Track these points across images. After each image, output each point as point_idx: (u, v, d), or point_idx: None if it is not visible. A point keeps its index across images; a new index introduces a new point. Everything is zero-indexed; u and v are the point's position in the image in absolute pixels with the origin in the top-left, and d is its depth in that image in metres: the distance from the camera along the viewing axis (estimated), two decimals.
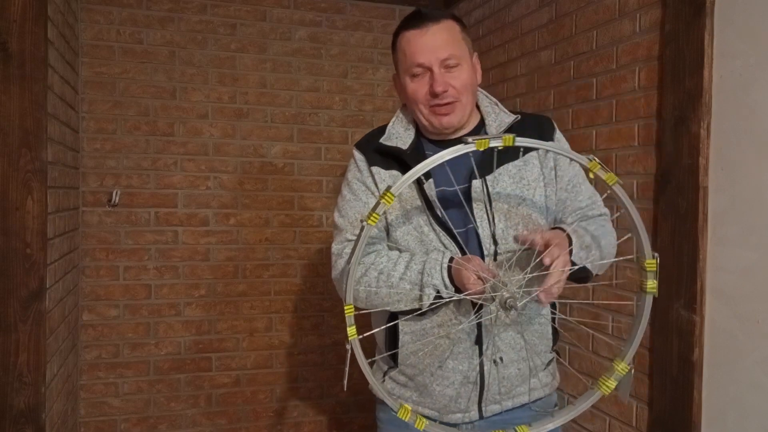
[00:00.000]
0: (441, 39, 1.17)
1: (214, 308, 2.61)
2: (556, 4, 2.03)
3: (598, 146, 1.82)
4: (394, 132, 1.27)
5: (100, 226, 2.46)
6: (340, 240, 1.24)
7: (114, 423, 2.49)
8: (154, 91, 2.51)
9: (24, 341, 1.67)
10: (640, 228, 0.96)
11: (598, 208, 1.26)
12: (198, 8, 2.56)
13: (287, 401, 2.72)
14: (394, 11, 2.82)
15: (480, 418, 1.23)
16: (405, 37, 1.21)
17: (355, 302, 1.19)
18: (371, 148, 1.26)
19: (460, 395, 1.21)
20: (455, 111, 1.19)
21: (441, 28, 1.18)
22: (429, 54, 1.16)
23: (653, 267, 0.96)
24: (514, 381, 1.22)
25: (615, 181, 0.94)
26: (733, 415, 1.39)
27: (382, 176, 1.23)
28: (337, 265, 1.24)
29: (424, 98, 1.19)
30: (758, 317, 1.32)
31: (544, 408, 1.28)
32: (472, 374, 1.19)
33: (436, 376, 1.21)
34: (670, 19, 1.53)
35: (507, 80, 2.35)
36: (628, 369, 0.99)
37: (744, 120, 1.35)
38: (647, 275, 0.96)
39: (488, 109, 1.27)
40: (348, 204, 1.26)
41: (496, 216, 1.17)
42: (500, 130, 1.21)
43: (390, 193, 0.92)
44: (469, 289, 1.04)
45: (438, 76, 1.16)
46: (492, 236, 1.16)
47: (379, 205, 0.92)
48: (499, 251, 1.16)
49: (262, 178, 2.66)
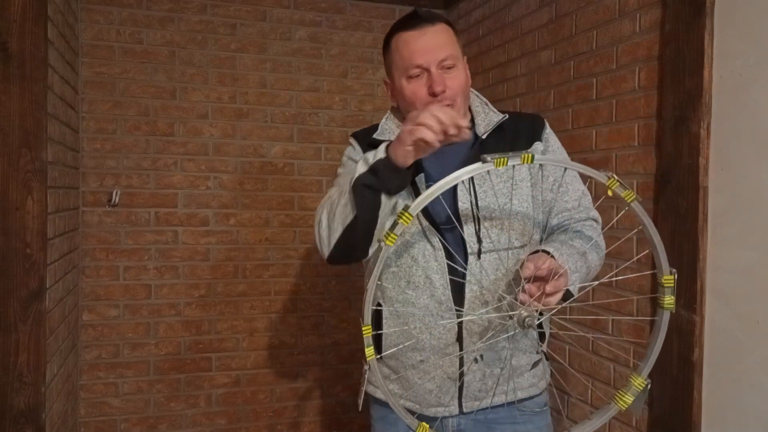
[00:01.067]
0: (439, 40, 1.18)
1: (214, 308, 2.61)
2: (556, 4, 2.03)
3: (598, 146, 1.82)
4: (387, 128, 1.30)
5: (100, 226, 2.46)
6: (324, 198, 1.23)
7: (114, 423, 2.49)
8: (154, 91, 2.51)
9: (24, 341, 1.67)
10: (658, 244, 0.96)
11: (585, 210, 1.25)
12: (198, 8, 2.56)
13: (287, 401, 2.72)
14: (394, 11, 2.82)
15: (460, 413, 1.24)
16: (402, 38, 1.20)
17: (321, 241, 1.17)
18: (366, 141, 1.29)
19: (440, 389, 1.22)
20: None
21: (438, 29, 1.19)
22: (428, 54, 1.17)
23: (671, 283, 0.96)
24: (495, 379, 1.22)
25: (633, 198, 0.94)
26: (733, 415, 1.39)
27: None
28: (316, 216, 1.21)
29: (423, 99, 1.19)
30: (758, 317, 1.32)
31: (531, 408, 1.28)
32: (451, 370, 1.20)
33: (417, 369, 1.22)
34: (670, 19, 1.53)
35: (507, 80, 2.35)
36: (644, 384, 0.99)
37: (744, 120, 1.35)
38: (665, 291, 0.96)
39: (478, 108, 1.28)
40: (339, 177, 1.28)
41: (481, 214, 1.18)
42: (488, 129, 1.22)
43: (408, 213, 0.91)
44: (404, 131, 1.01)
45: (436, 77, 1.16)
46: (476, 234, 1.17)
47: (397, 225, 0.92)
48: (483, 249, 1.17)
49: (262, 178, 2.66)
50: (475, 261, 1.17)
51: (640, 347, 1.65)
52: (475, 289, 1.17)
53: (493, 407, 1.24)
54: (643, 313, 1.65)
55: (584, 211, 1.25)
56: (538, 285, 1.00)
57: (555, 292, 1.01)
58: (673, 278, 0.96)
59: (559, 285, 1.01)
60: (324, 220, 1.16)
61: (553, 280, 1.00)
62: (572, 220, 1.24)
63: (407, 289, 1.20)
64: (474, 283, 1.17)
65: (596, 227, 1.25)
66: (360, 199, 1.06)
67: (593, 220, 1.26)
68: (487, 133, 1.22)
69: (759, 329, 1.32)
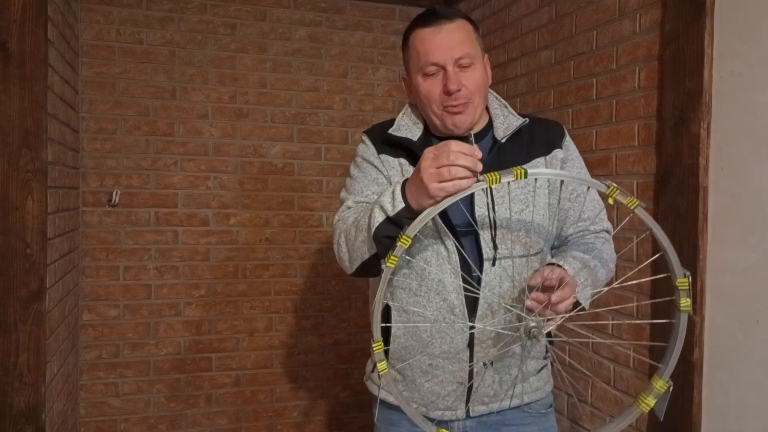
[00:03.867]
0: (456, 38, 1.15)
1: (214, 308, 2.61)
2: (556, 4, 2.03)
3: (598, 146, 1.82)
4: (403, 124, 1.27)
5: (100, 226, 2.46)
6: (341, 210, 1.25)
7: (114, 423, 2.49)
8: (154, 91, 2.51)
9: (24, 341, 1.67)
10: (668, 248, 0.95)
11: (601, 222, 1.25)
12: (198, 8, 2.56)
13: (287, 401, 2.72)
14: (394, 11, 2.81)
15: (467, 417, 1.23)
16: (419, 36, 1.18)
17: (343, 262, 1.21)
18: (380, 139, 1.26)
19: (447, 393, 1.21)
20: (467, 111, 1.18)
21: (456, 27, 1.16)
22: (444, 53, 1.15)
23: (685, 286, 0.95)
24: (503, 385, 1.22)
25: (636, 204, 0.93)
26: (733, 415, 1.39)
27: (390, 163, 1.24)
28: (338, 226, 1.22)
29: (438, 97, 1.17)
30: (758, 317, 1.32)
31: (537, 410, 1.28)
32: (461, 375, 1.19)
33: (425, 372, 1.21)
34: (670, 19, 1.53)
35: (507, 80, 2.35)
36: (666, 387, 0.99)
37: (744, 120, 1.35)
38: (680, 294, 0.96)
39: (497, 111, 1.26)
40: (354, 180, 1.27)
41: (498, 221, 1.16)
42: (507, 133, 1.20)
43: (406, 236, 0.93)
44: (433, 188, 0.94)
45: (452, 75, 1.14)
46: (492, 240, 1.16)
47: (396, 247, 0.93)
48: (498, 256, 1.16)
49: (262, 178, 2.66)
50: (489, 267, 1.15)
51: (639, 347, 1.65)
52: (489, 295, 1.16)
53: (501, 411, 1.24)
54: (643, 314, 1.65)
55: (599, 223, 1.24)
56: (546, 294, 1.00)
57: (561, 301, 1.00)
58: (687, 281, 0.95)
59: (565, 294, 1.00)
60: (343, 245, 1.19)
61: (559, 290, 0.99)
62: (587, 231, 1.23)
63: (418, 291, 1.19)
64: (488, 289, 1.16)
65: (608, 239, 1.25)
66: (380, 246, 1.07)
67: (606, 231, 1.26)
68: (506, 138, 1.20)
69: (759, 329, 1.32)
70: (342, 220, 1.22)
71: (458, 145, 0.94)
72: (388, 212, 1.02)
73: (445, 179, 0.93)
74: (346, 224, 1.19)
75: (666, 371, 1.00)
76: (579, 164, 1.26)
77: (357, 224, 1.14)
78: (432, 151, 0.97)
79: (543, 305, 1.00)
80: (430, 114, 1.21)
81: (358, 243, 1.13)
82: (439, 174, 0.94)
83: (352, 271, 1.19)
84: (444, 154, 0.94)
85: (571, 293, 1.02)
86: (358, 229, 1.13)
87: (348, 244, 1.17)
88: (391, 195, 1.04)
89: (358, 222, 1.14)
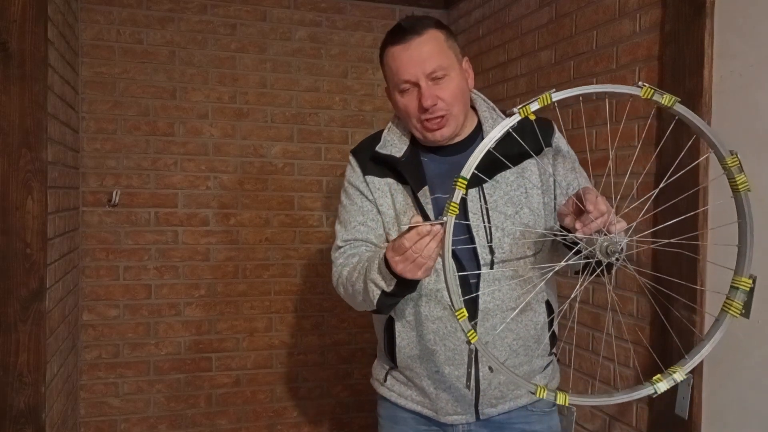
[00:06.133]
0: (425, 52, 1.14)
1: (214, 308, 2.61)
2: (556, 4, 2.03)
3: (598, 146, 1.82)
4: (389, 140, 1.26)
5: (100, 226, 2.46)
6: (335, 248, 1.28)
7: (114, 423, 2.49)
8: (154, 91, 2.51)
9: (24, 341, 1.67)
10: (707, 131, 0.88)
11: None
12: (198, 8, 2.56)
13: (287, 401, 2.72)
14: (394, 11, 2.82)
15: (477, 419, 1.24)
16: (390, 53, 1.18)
17: (347, 302, 1.25)
18: (367, 156, 1.26)
19: (456, 399, 1.22)
20: (448, 123, 1.17)
21: (424, 40, 1.15)
22: (414, 69, 1.14)
23: (736, 162, 0.89)
24: (510, 386, 1.22)
25: (673, 101, 0.88)
26: (733, 415, 1.39)
27: (376, 185, 1.24)
28: (334, 273, 1.26)
29: (414, 113, 1.17)
30: (758, 317, 1.32)
31: (542, 408, 1.28)
32: (468, 379, 1.19)
33: (433, 379, 1.22)
34: (670, 19, 1.53)
35: (507, 80, 2.35)
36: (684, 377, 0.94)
37: (744, 120, 1.35)
38: (733, 172, 0.90)
39: (486, 114, 1.26)
40: (344, 209, 1.28)
41: (492, 225, 1.16)
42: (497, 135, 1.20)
43: (462, 178, 0.89)
44: (419, 275, 0.99)
45: (425, 90, 1.14)
46: (488, 245, 1.16)
47: (455, 192, 0.89)
48: (495, 260, 1.16)
49: (262, 178, 2.66)
50: (487, 271, 1.15)
51: (639, 347, 1.65)
52: (488, 300, 1.16)
53: (509, 411, 1.25)
54: (642, 313, 1.65)
55: None
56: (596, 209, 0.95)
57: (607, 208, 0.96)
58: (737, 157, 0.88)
59: (603, 206, 0.96)
60: (343, 293, 1.24)
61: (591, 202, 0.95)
62: None
63: (419, 302, 1.19)
64: (488, 294, 1.16)
65: None
66: (388, 310, 1.17)
67: None
68: None
69: (759, 329, 1.32)
70: (335, 265, 1.25)
71: (409, 239, 0.95)
72: (384, 289, 1.06)
73: (421, 264, 0.97)
74: (341, 276, 1.22)
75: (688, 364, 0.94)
76: (571, 158, 1.26)
77: (353, 286, 1.16)
78: (395, 251, 0.98)
79: (604, 216, 0.94)
80: (412, 128, 1.22)
81: (359, 301, 1.17)
82: (414, 264, 0.97)
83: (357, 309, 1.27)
84: (407, 253, 0.96)
85: (605, 203, 0.97)
86: (356, 291, 1.16)
87: (349, 298, 1.21)
88: (378, 272, 1.06)
89: (354, 284, 1.15)
